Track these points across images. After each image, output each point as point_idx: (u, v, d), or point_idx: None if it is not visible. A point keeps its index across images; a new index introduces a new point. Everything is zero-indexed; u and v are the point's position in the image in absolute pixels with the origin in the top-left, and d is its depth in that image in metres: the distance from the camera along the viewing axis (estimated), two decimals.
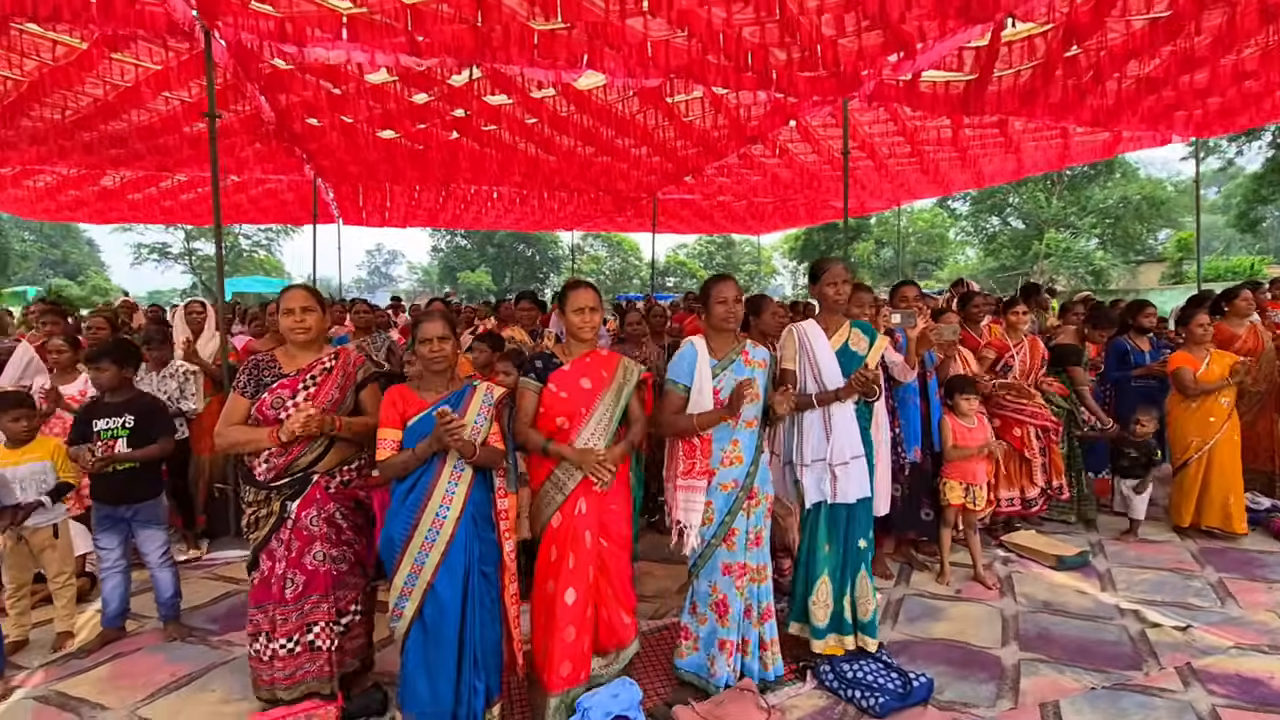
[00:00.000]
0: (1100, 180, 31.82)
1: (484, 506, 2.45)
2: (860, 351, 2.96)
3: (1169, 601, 3.50)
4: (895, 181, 10.04)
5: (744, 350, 2.76)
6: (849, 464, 2.83)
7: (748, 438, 2.69)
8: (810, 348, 2.94)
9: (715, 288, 2.72)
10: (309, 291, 2.62)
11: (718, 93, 6.15)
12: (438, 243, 52.08)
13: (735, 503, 2.64)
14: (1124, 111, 6.45)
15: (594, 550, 2.56)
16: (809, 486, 2.87)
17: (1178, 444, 4.52)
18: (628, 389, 2.69)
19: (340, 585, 2.51)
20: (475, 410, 2.45)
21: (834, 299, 2.96)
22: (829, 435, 2.85)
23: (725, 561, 2.65)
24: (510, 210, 11.30)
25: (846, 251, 29.40)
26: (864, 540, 3.01)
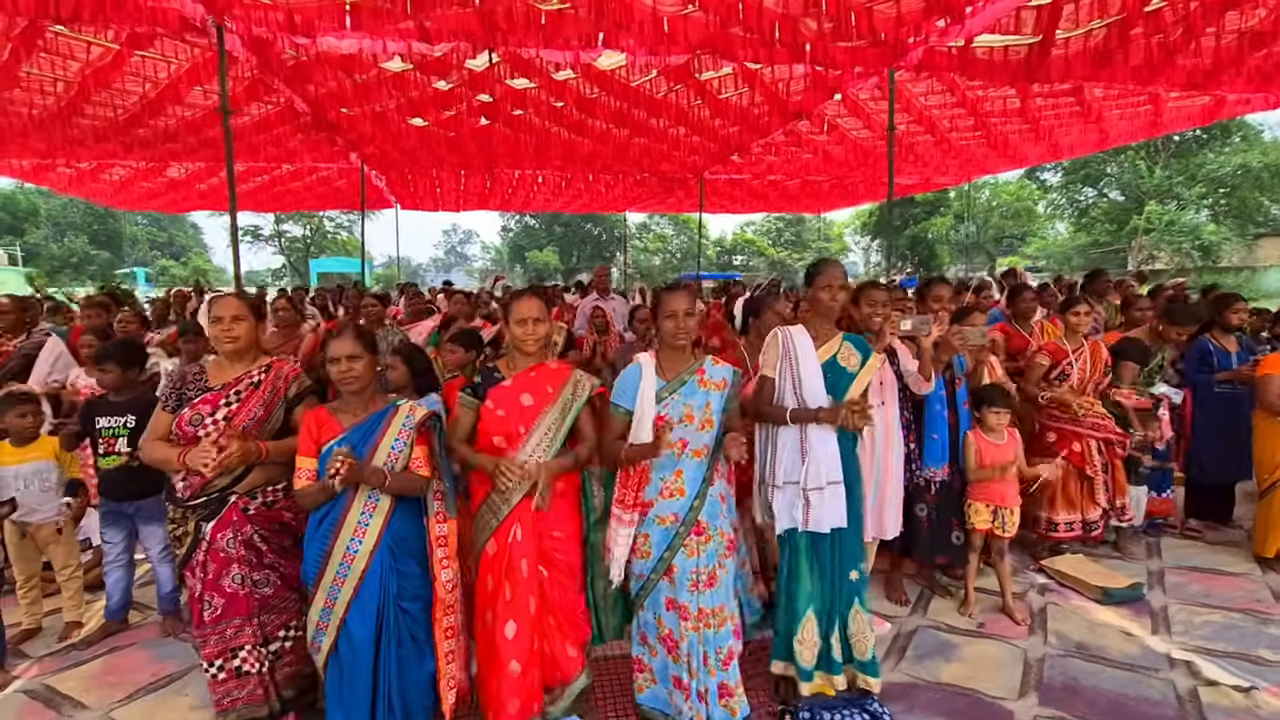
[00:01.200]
0: (1214, 146, 28.61)
1: (407, 537, 2.30)
2: (850, 368, 2.62)
3: (1233, 652, 3.00)
4: (961, 156, 9.22)
5: (700, 369, 2.46)
6: (824, 489, 2.51)
7: (693, 468, 2.40)
8: (794, 356, 2.62)
9: (663, 299, 2.43)
10: (240, 299, 2.50)
11: (751, 68, 5.74)
12: (507, 223, 53.02)
13: (676, 538, 2.37)
14: (1224, 72, 5.58)
15: (533, 580, 2.37)
16: (780, 511, 2.58)
17: (1265, 463, 3.90)
18: (576, 405, 2.47)
19: (266, 609, 2.39)
20: (393, 434, 2.29)
21: (827, 304, 2.63)
22: (804, 457, 2.54)
23: (669, 596, 2.39)
24: (558, 193, 11.15)
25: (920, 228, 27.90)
26: (855, 572, 2.69)
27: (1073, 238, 34.07)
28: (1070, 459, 3.79)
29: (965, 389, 3.40)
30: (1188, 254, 28.32)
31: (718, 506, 2.46)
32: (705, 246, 53.72)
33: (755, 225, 53.16)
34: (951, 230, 32.64)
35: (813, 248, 52.96)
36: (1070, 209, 35.04)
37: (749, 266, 53.20)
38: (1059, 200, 35.74)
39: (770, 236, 53.07)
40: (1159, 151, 28.73)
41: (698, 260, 9.86)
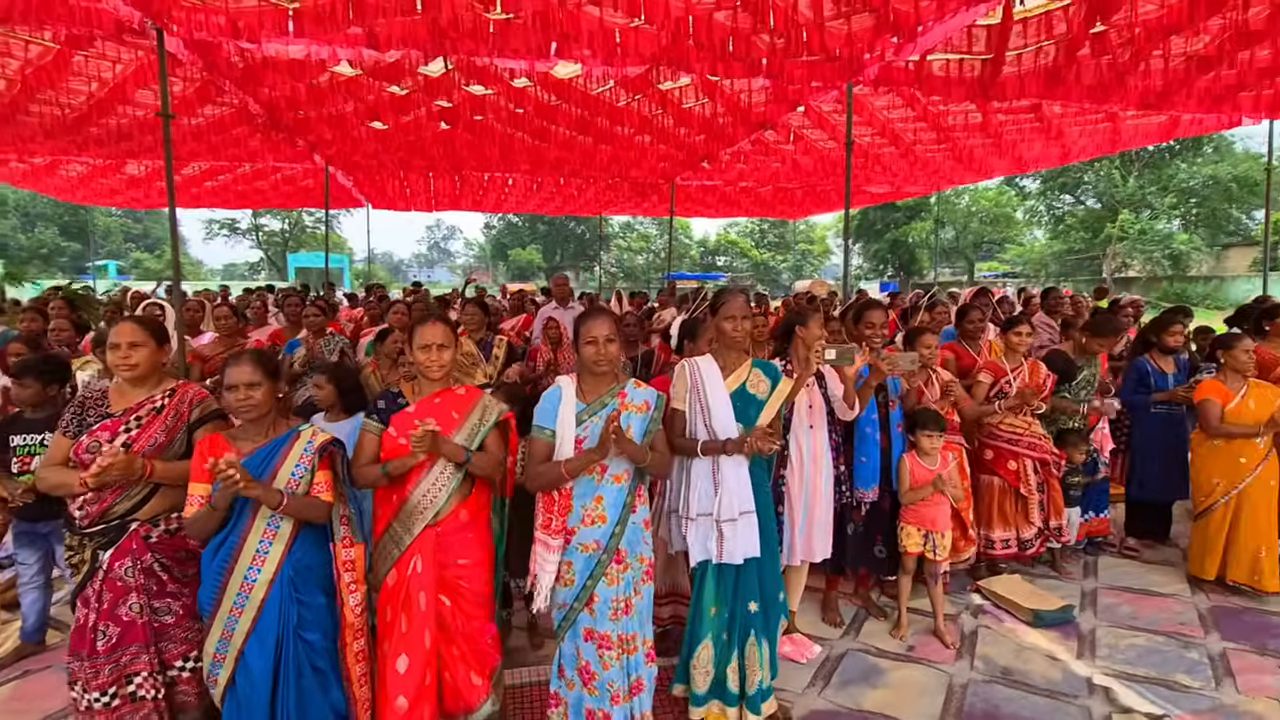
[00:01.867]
0: (1186, 156, 29.11)
1: (311, 565, 2.26)
2: (760, 395, 2.61)
3: (1153, 678, 3.03)
4: (928, 168, 9.31)
5: (621, 393, 2.44)
6: (737, 520, 2.50)
7: (613, 494, 2.38)
8: (702, 388, 2.60)
9: (584, 325, 2.40)
10: (137, 324, 2.41)
11: (710, 80, 5.73)
12: (490, 220, 52.70)
13: (598, 566, 2.35)
14: (1176, 93, 5.67)
15: (430, 612, 2.33)
16: (693, 543, 2.57)
17: (1201, 486, 3.94)
18: (483, 431, 2.44)
19: (166, 638, 2.32)
20: (294, 460, 2.24)
21: (731, 334, 2.62)
22: (717, 488, 2.53)
23: (588, 627, 2.37)
24: (529, 196, 11.10)
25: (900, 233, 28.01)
26: (755, 603, 2.64)
27: (1049, 244, 34.52)
28: (1006, 477, 3.82)
29: (900, 411, 3.40)
30: (1159, 262, 28.82)
31: (639, 533, 2.44)
32: (688, 247, 53.81)
33: (739, 227, 53.27)
34: (931, 235, 32.92)
35: (795, 250, 53.23)
36: (1048, 216, 35.49)
37: (732, 268, 53.34)
38: (1037, 207, 36.19)
39: (753, 238, 53.22)
40: (1133, 162, 29.19)
41: (666, 263, 9.82)
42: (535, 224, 49.38)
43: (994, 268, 39.29)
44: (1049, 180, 32.39)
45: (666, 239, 57.85)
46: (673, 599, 3.33)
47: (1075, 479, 4.02)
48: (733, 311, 2.62)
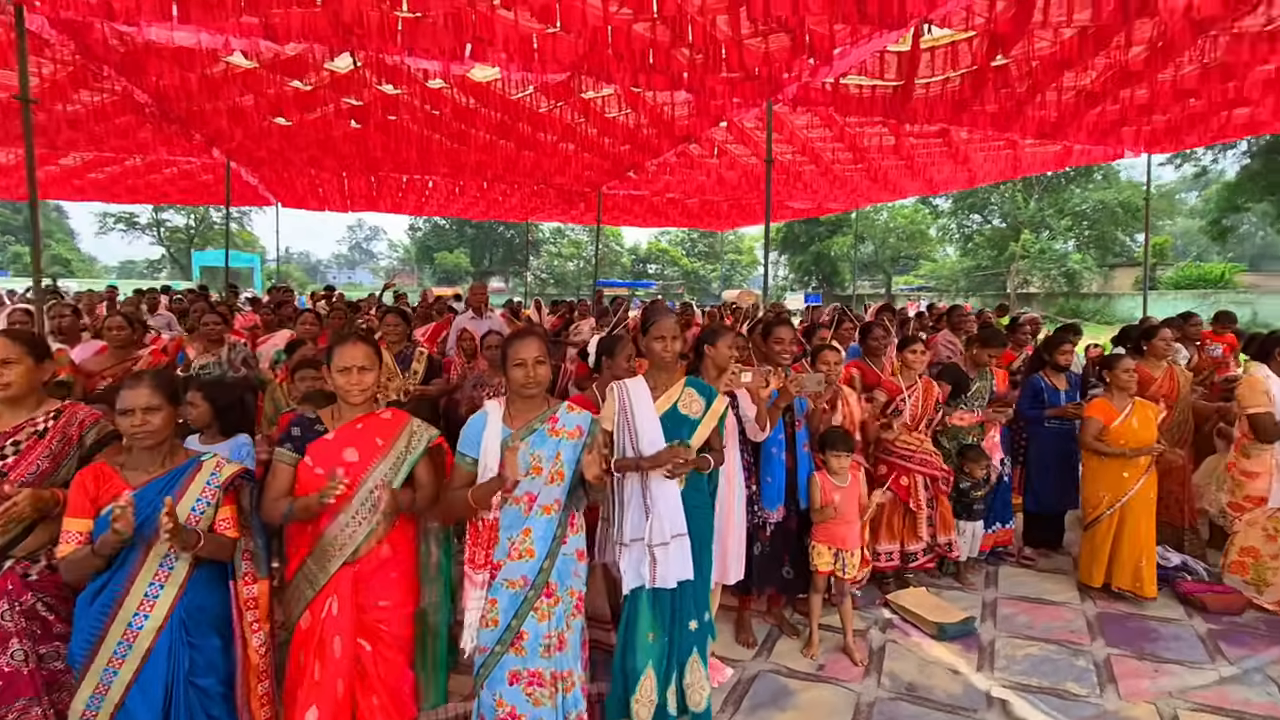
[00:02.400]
0: (1080, 182, 31.53)
1: (206, 606, 2.05)
2: (693, 415, 2.56)
3: (1045, 688, 3.15)
4: (847, 186, 9.63)
5: (552, 417, 2.33)
6: (669, 544, 2.45)
7: (543, 526, 2.26)
8: (630, 409, 2.54)
9: (511, 347, 2.28)
10: (9, 339, 2.14)
11: (634, 91, 5.70)
12: (416, 222, 51.19)
13: (524, 603, 2.23)
14: (1068, 125, 6.06)
15: (346, 659, 2.14)
16: (627, 569, 2.50)
17: (1090, 498, 4.16)
18: (411, 459, 2.28)
19: (59, 686, 2.06)
20: (195, 493, 2.03)
21: (660, 354, 2.58)
22: (648, 512, 2.48)
23: (513, 669, 2.23)
24: (451, 199, 10.77)
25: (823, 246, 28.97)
26: (696, 621, 2.65)
27: (960, 261, 36.58)
28: (898, 492, 3.91)
29: (805, 431, 3.43)
30: (1055, 280, 31.02)
31: (570, 564, 2.34)
32: (619, 255, 53.92)
33: (670, 236, 53.87)
34: (852, 249, 34.37)
35: (725, 259, 54.29)
36: (958, 234, 37.65)
37: (663, 276, 53.85)
38: (949, 225, 38.33)
39: (684, 247, 53.94)
40: (1033, 186, 31.34)
41: (595, 271, 9.75)
42: (463, 227, 48.32)
43: (910, 281, 41.37)
44: (959, 200, 34.38)
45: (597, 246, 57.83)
46: (590, 624, 3.22)
47: (977, 493, 4.17)
48: (663, 332, 2.57)
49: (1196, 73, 4.75)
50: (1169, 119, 5.89)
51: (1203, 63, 4.61)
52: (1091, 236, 31.97)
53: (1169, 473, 4.45)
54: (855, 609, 3.79)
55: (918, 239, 39.17)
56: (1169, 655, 3.43)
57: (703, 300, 38.75)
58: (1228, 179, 28.25)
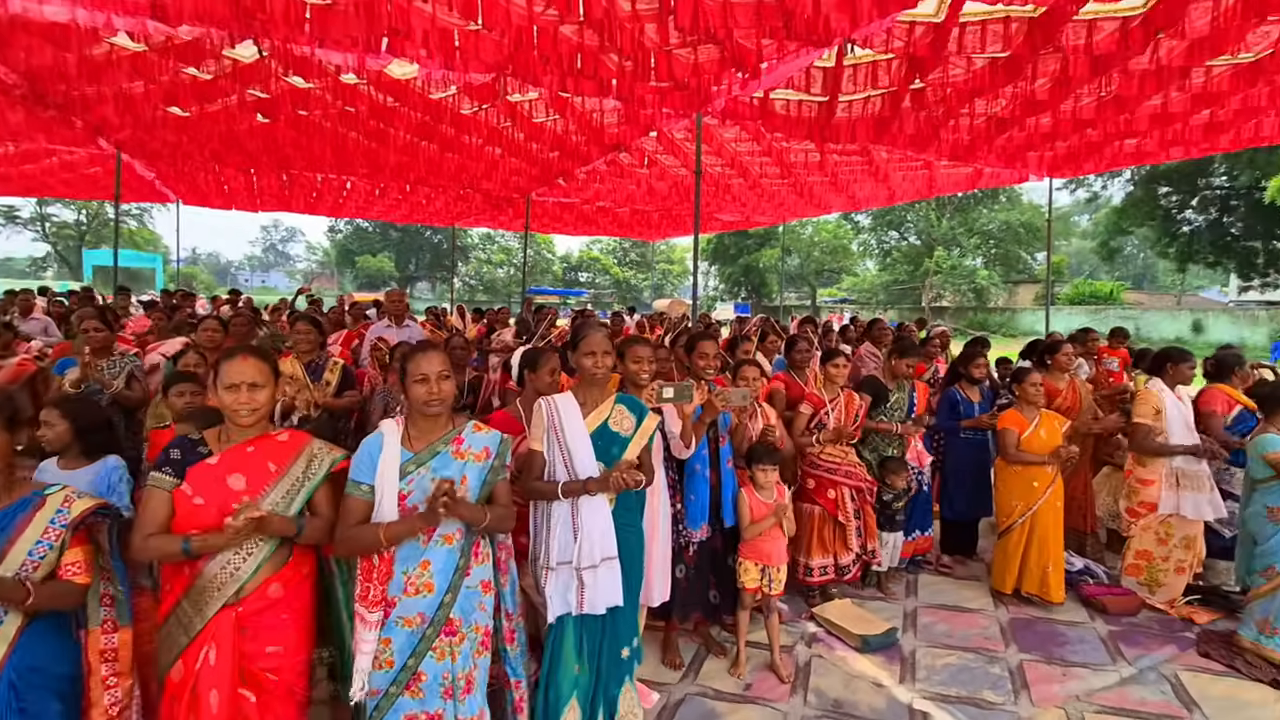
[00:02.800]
0: (987, 204, 33.63)
1: (42, 666, 1.78)
2: (624, 433, 2.47)
3: (964, 697, 3.20)
4: (774, 200, 9.83)
5: (457, 438, 2.16)
6: (599, 567, 2.34)
7: (443, 558, 2.09)
8: (560, 426, 2.42)
9: (412, 361, 2.10)
10: None
11: (562, 96, 5.57)
12: (336, 223, 49.10)
13: (423, 642, 2.05)
14: (979, 148, 6.37)
15: (226, 715, 1.89)
16: (553, 594, 2.37)
17: (1003, 507, 4.31)
18: (310, 485, 2.07)
19: None
20: (34, 535, 1.75)
21: (591, 370, 2.47)
22: (577, 534, 2.36)
23: (410, 713, 2.04)
24: (371, 201, 10.30)
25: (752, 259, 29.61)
26: (627, 648, 2.54)
27: (879, 275, 38.29)
28: (826, 506, 3.94)
29: (730, 447, 3.38)
30: (965, 294, 32.91)
31: (475, 598, 2.15)
32: (550, 262, 53.46)
33: (601, 244, 53.92)
34: (779, 262, 35.37)
35: (657, 269, 54.77)
36: (878, 249, 39.46)
37: (595, 284, 53.77)
38: (869, 241, 40.14)
39: (616, 256, 54.09)
40: (946, 205, 33.20)
41: (524, 279, 9.52)
42: (387, 230, 46.70)
43: (834, 294, 43.03)
44: (878, 217, 36.05)
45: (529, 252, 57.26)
46: None
47: (898, 504, 4.25)
48: (593, 347, 2.47)
49: (1094, 105, 5.07)
50: (1069, 146, 6.28)
51: (1099, 96, 4.93)
52: (997, 254, 34.17)
53: (1072, 481, 4.69)
54: (781, 623, 3.77)
55: (840, 253, 40.77)
56: (1075, 658, 3.57)
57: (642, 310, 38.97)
58: (1115, 204, 30.82)
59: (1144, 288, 45.25)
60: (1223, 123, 5.48)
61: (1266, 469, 3.48)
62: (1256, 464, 3.55)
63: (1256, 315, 26.26)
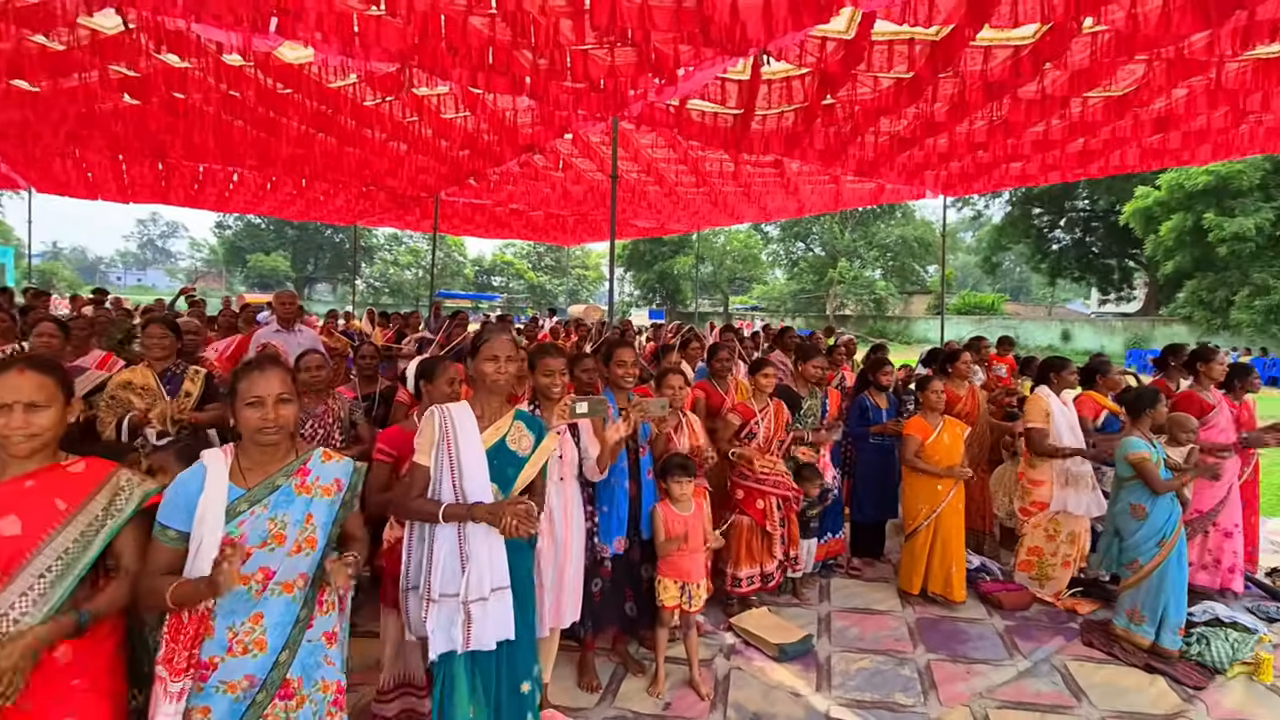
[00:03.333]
0: (885, 218, 35.70)
1: None
2: (521, 452, 2.28)
3: (877, 701, 3.25)
4: (689, 207, 9.92)
5: (301, 469, 1.89)
6: (489, 599, 2.13)
7: (281, 609, 1.80)
8: (454, 440, 2.19)
9: (244, 381, 1.82)
10: None
11: (473, 92, 5.34)
12: (225, 219, 45.68)
13: (251, 709, 1.74)
14: (882, 164, 6.64)
15: None
16: (435, 630, 2.12)
17: (909, 510, 4.46)
18: (114, 525, 1.72)
19: None
20: None
21: (493, 378, 2.24)
22: (464, 562, 2.12)
23: None
24: (261, 196, 9.54)
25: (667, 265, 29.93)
26: (528, 681, 2.35)
27: (788, 284, 39.77)
28: (754, 516, 3.94)
29: (651, 458, 3.30)
30: (866, 304, 34.75)
31: (319, 653, 1.88)
32: (462, 265, 51.99)
33: (515, 248, 53.01)
34: (693, 269, 36.02)
35: (572, 274, 54.43)
36: (786, 259, 41.04)
37: (508, 289, 52.76)
38: (778, 251, 41.68)
39: (530, 260, 53.33)
40: (848, 219, 34.97)
41: (432, 281, 9.09)
42: (283, 227, 43.88)
43: (745, 301, 44.31)
44: (786, 229, 37.51)
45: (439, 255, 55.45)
46: (404, 691, 2.81)
47: (813, 511, 4.31)
48: (496, 351, 2.24)
49: (986, 128, 5.39)
50: (962, 166, 6.67)
51: (991, 121, 5.24)
52: (894, 266, 36.35)
53: (970, 483, 4.93)
54: (701, 635, 3.72)
55: (751, 262, 42.05)
56: (977, 655, 3.72)
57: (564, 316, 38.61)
58: (995, 223, 33.49)
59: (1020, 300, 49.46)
60: (1094, 151, 5.98)
61: (1130, 469, 3.77)
62: (1122, 464, 3.84)
63: (1114, 325, 29.24)
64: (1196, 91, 4.63)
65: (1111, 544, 3.99)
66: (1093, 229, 30.75)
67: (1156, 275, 25.79)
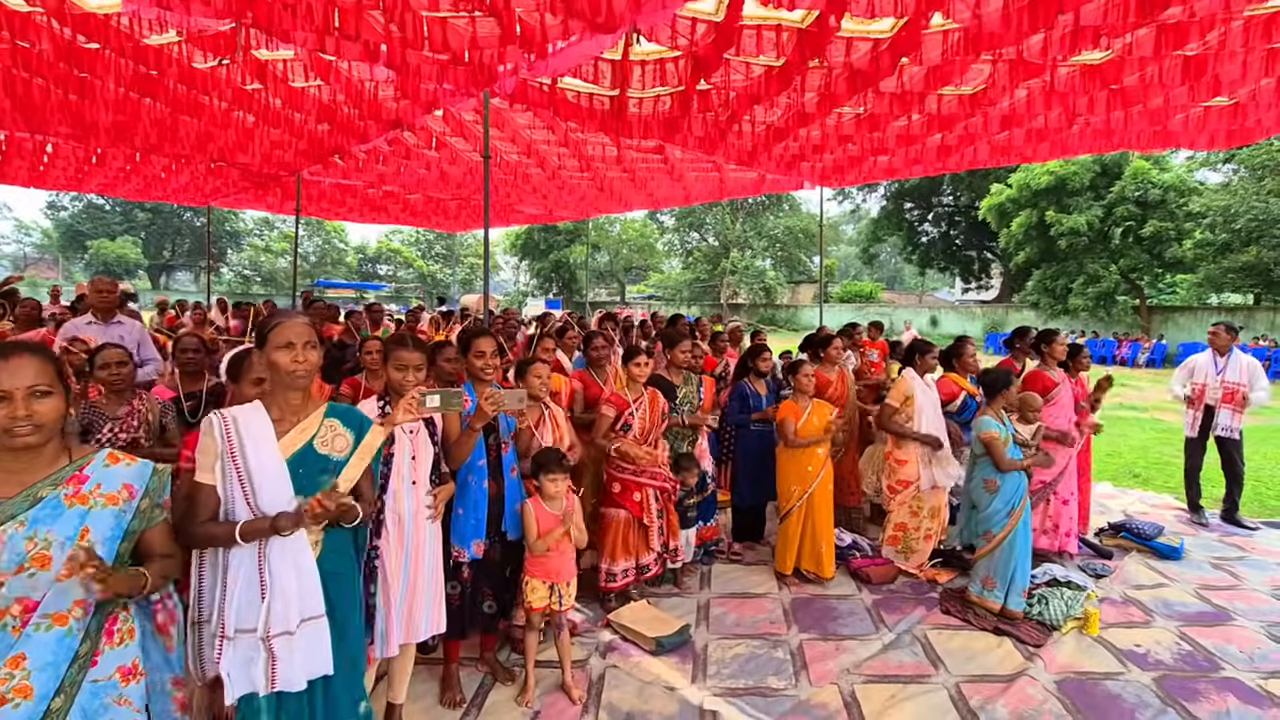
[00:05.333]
0: (774, 210, 37.04)
1: None
2: (336, 454, 2.00)
3: (750, 688, 3.26)
4: (575, 193, 9.70)
5: (74, 476, 1.61)
6: (296, 633, 1.85)
7: (49, 648, 1.52)
8: (240, 451, 1.87)
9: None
10: None
11: (325, 59, 4.86)
12: (60, 198, 40.38)
13: None
14: (760, 154, 6.73)
15: None
16: (231, 670, 1.83)
17: (784, 492, 4.55)
18: None
19: None
20: None
21: (290, 371, 1.91)
22: (265, 591, 1.83)
23: None
24: (85, 172, 8.33)
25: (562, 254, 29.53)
26: (363, 704, 2.10)
27: (683, 274, 40.43)
28: (631, 509, 3.85)
29: (514, 453, 3.12)
30: (757, 292, 35.97)
31: (110, 693, 1.60)
32: (344, 253, 48.98)
33: (403, 235, 50.61)
34: (590, 258, 35.81)
35: (465, 263, 52.60)
36: (681, 249, 41.71)
37: (395, 278, 50.27)
38: (673, 240, 42.28)
39: (420, 248, 51.09)
40: (739, 209, 35.98)
41: (294, 269, 8.28)
42: (132, 209, 39.41)
43: (642, 290, 44.64)
44: (681, 218, 38.09)
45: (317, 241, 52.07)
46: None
47: (690, 500, 4.28)
48: (289, 337, 1.90)
49: (854, 121, 5.57)
50: (835, 159, 6.89)
51: (857, 114, 5.41)
52: (782, 257, 37.86)
53: (842, 461, 5.11)
54: (575, 636, 3.59)
55: (647, 251, 42.37)
56: (846, 632, 3.83)
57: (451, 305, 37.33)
58: (873, 216, 35.62)
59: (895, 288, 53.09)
60: (950, 146, 6.35)
61: (983, 446, 4.02)
62: (976, 442, 4.09)
63: (975, 311, 31.98)
64: (1035, 93, 4.98)
65: (970, 516, 4.24)
66: (956, 223, 33.45)
67: (1009, 266, 28.40)
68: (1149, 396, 13.91)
